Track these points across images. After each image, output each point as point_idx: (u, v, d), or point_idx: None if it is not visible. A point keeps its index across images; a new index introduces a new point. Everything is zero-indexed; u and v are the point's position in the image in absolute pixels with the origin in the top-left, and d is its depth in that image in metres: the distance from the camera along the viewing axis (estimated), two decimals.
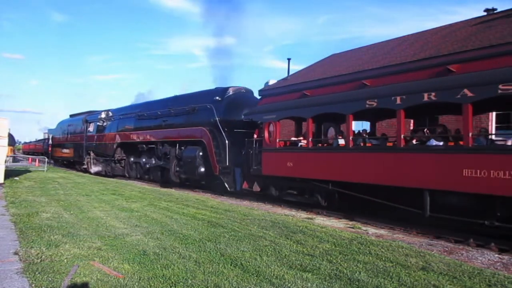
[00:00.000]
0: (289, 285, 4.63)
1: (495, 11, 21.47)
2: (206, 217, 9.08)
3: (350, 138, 10.56)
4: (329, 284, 4.72)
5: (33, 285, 4.45)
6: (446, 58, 9.59)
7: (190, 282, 4.64)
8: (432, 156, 8.63)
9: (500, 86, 7.56)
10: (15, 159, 37.34)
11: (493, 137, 9.39)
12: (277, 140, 12.66)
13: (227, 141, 14.88)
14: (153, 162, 19.89)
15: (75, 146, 28.87)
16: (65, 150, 31.28)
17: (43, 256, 5.47)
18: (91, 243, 6.34)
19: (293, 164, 12.02)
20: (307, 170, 11.58)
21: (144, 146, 20.53)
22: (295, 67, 63.98)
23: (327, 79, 11.97)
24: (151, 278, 4.74)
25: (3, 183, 15.80)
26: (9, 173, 19.20)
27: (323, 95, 11.46)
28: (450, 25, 23.76)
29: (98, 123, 25.63)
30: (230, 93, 15.95)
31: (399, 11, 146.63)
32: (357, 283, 4.76)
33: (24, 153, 64.48)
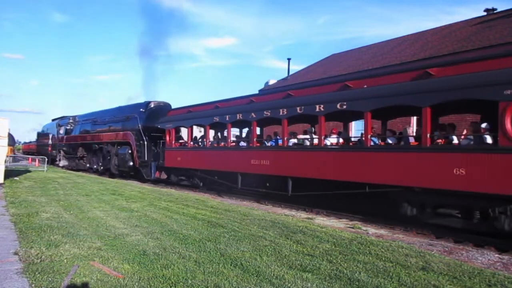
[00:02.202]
0: (289, 285, 4.63)
1: (495, 11, 21.47)
2: (206, 217, 9.08)
3: (208, 141, 16.25)
4: (329, 284, 4.71)
5: (33, 285, 4.45)
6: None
7: (190, 282, 4.63)
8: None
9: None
10: (15, 159, 37.32)
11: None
12: (173, 142, 18.16)
13: (146, 142, 20.23)
14: (102, 158, 25.15)
15: (52, 146, 35.18)
16: (46, 149, 37.72)
17: (43, 256, 5.47)
18: (91, 243, 6.34)
19: (180, 159, 17.55)
20: (188, 162, 17.15)
21: (96, 146, 25.88)
22: (295, 67, 64.02)
23: (202, 105, 17.16)
24: (151, 278, 4.73)
25: (3, 183, 15.79)
26: (9, 173, 19.20)
27: (201, 111, 16.77)
28: (450, 25, 23.75)
29: (66, 127, 31.39)
30: (152, 106, 21.20)
31: (399, 11, 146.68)
32: (357, 283, 4.76)
33: (24, 153, 64.49)
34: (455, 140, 9.03)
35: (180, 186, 18.49)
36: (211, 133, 17.26)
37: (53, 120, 38.58)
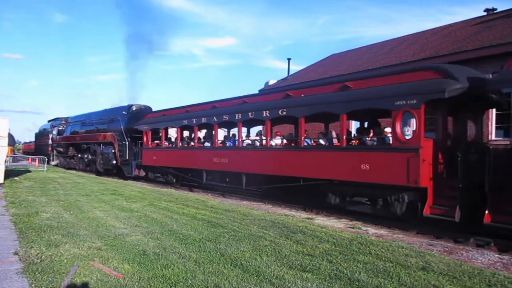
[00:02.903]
0: (289, 285, 4.63)
1: (495, 11, 21.45)
2: (206, 217, 9.08)
3: (179, 142, 18.02)
4: (329, 284, 4.72)
5: (33, 285, 4.45)
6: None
7: (190, 282, 4.64)
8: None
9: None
10: (15, 159, 37.35)
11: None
12: (149, 142, 20.07)
13: (127, 143, 21.94)
14: (90, 157, 26.89)
15: (47, 145, 37.47)
16: (44, 149, 39.66)
17: (43, 256, 5.47)
18: (91, 243, 6.34)
19: (156, 157, 19.56)
20: (162, 161, 19.06)
21: (84, 145, 27.80)
22: (295, 67, 64.03)
23: (175, 109, 19.04)
24: (151, 278, 4.74)
25: (3, 183, 15.79)
26: (9, 173, 19.20)
27: (174, 115, 18.48)
28: (450, 25, 23.72)
29: (59, 128, 33.49)
30: (133, 109, 23.17)
31: (399, 12, 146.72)
32: (357, 283, 4.76)
33: (24, 153, 64.61)
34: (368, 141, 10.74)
35: (151, 181, 20.56)
36: (186, 134, 19.20)
37: (48, 121, 40.36)
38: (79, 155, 28.81)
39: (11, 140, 27.57)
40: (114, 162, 22.69)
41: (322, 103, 11.27)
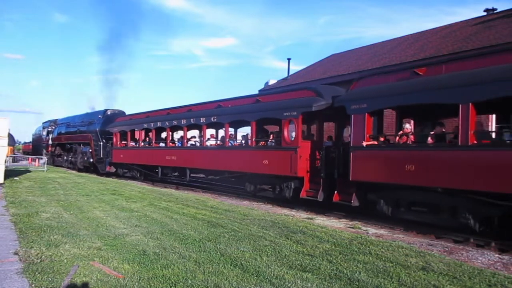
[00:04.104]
0: (289, 285, 4.63)
1: (495, 11, 21.44)
2: (206, 217, 9.08)
3: (141, 142, 21.15)
4: (329, 284, 4.71)
5: (33, 285, 4.45)
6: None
7: (190, 282, 4.63)
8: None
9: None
10: (15, 159, 37.39)
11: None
12: (118, 143, 23.15)
13: (102, 143, 24.89)
14: (73, 156, 29.82)
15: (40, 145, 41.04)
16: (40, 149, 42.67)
17: (43, 256, 5.47)
18: (91, 243, 6.34)
19: (123, 156, 22.56)
20: (128, 159, 22.19)
21: (68, 145, 31.06)
22: (296, 67, 63.98)
23: (139, 114, 22.65)
24: (151, 278, 4.73)
25: (3, 183, 15.79)
26: (9, 173, 19.20)
27: (137, 119, 21.82)
28: (450, 25, 23.74)
29: (48, 129, 36.41)
30: (108, 113, 26.25)
31: (399, 12, 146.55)
32: (357, 283, 4.76)
33: (24, 153, 64.65)
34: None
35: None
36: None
37: (43, 123, 42.62)
38: (65, 154, 32.05)
39: (11, 140, 27.63)
40: (91, 160, 25.91)
41: (240, 113, 14.49)
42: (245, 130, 17.81)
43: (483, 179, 7.63)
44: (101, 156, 24.89)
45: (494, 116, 13.82)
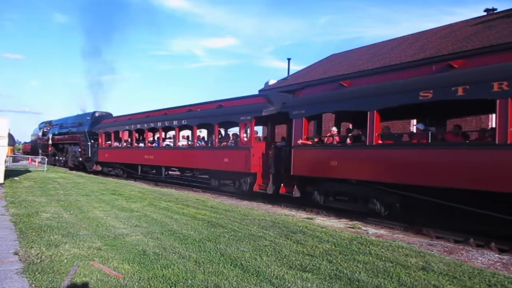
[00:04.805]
0: (289, 285, 4.63)
1: (495, 11, 21.43)
2: (206, 217, 9.08)
3: (123, 143, 23.08)
4: (329, 284, 4.71)
5: (33, 285, 4.45)
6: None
7: (190, 282, 4.63)
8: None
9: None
10: (15, 159, 37.40)
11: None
12: (103, 143, 25.01)
13: (89, 143, 26.58)
14: (64, 155, 31.94)
15: (36, 145, 42.90)
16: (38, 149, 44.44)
17: (43, 256, 5.47)
18: (91, 243, 6.34)
19: (107, 155, 24.49)
20: (111, 158, 24.06)
21: (61, 145, 32.85)
22: (296, 67, 63.97)
23: (122, 116, 24.91)
24: (151, 278, 4.73)
25: (3, 183, 15.79)
26: (9, 173, 19.20)
27: (120, 121, 24.00)
28: (450, 25, 23.73)
29: (44, 130, 37.89)
30: (96, 115, 27.93)
31: (399, 12, 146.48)
32: (357, 283, 4.76)
33: (24, 153, 64.71)
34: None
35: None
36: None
37: (39, 124, 43.92)
38: (58, 154, 33.92)
39: (11, 140, 27.73)
40: (80, 159, 27.96)
41: (205, 116, 16.50)
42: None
43: (385, 172, 9.43)
44: (89, 155, 26.62)
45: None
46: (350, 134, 11.40)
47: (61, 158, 32.68)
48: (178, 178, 22.10)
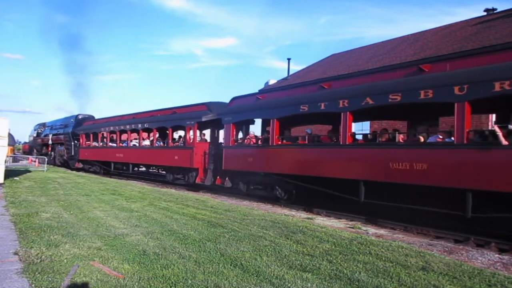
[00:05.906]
0: (289, 285, 4.63)
1: (495, 11, 21.43)
2: (206, 217, 9.07)
3: (100, 143, 25.91)
4: (329, 284, 4.71)
5: (33, 285, 4.45)
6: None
7: (190, 282, 4.63)
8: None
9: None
10: (15, 159, 37.39)
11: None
12: (84, 143, 28.08)
13: (73, 143, 29.66)
14: (54, 154, 34.80)
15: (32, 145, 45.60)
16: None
17: (43, 256, 5.47)
18: (91, 243, 6.34)
19: (87, 154, 27.59)
20: (90, 156, 27.22)
21: (52, 145, 35.54)
22: (296, 67, 64.01)
23: (102, 119, 28.03)
24: (151, 278, 4.73)
25: (3, 183, 15.78)
26: (9, 173, 19.19)
27: (99, 124, 27.10)
28: (450, 25, 23.73)
29: (38, 131, 40.84)
30: (79, 117, 31.00)
31: (399, 12, 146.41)
32: (357, 283, 4.76)
33: (23, 153, 64.78)
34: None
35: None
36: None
37: (34, 126, 46.23)
38: (50, 153, 36.57)
39: (11, 140, 27.59)
40: (65, 157, 30.94)
41: (162, 121, 19.82)
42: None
43: (282, 166, 12.57)
44: (72, 154, 29.82)
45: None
46: (261, 136, 14.54)
47: (51, 158, 35.28)
48: (144, 173, 26.13)
